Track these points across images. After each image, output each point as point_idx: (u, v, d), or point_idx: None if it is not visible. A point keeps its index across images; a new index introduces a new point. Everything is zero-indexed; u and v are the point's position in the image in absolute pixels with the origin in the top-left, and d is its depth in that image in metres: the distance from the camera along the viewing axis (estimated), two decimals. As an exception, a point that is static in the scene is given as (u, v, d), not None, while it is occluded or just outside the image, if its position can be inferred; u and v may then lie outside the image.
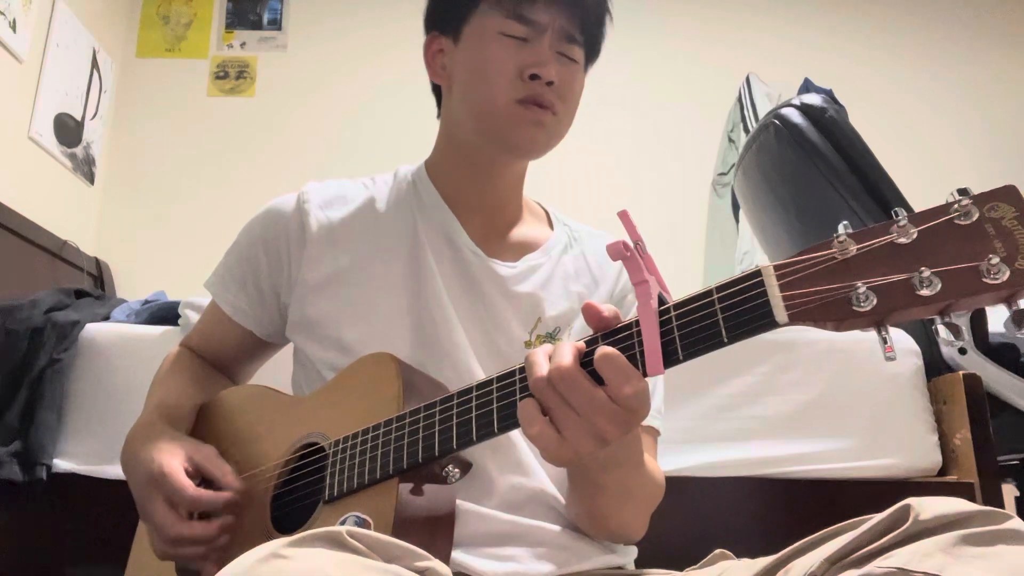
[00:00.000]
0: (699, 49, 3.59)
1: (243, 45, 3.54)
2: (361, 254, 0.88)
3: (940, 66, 3.58)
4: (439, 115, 0.96)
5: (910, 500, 0.53)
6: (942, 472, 1.38)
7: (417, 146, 0.96)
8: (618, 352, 0.57)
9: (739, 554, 0.73)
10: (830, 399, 1.41)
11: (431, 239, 0.89)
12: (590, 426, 0.57)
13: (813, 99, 1.64)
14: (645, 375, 0.57)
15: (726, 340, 0.54)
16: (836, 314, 0.50)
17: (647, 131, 3.47)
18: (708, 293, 0.56)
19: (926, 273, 0.48)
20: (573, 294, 0.90)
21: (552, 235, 0.96)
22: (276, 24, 3.57)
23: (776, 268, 0.53)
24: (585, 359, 0.59)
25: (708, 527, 1.37)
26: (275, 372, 1.03)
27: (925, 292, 0.48)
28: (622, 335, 0.59)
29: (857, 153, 1.55)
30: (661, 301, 0.59)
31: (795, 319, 0.51)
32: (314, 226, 0.89)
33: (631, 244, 0.60)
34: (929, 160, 3.36)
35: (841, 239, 0.51)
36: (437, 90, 0.96)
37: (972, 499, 1.29)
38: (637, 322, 0.58)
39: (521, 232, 0.94)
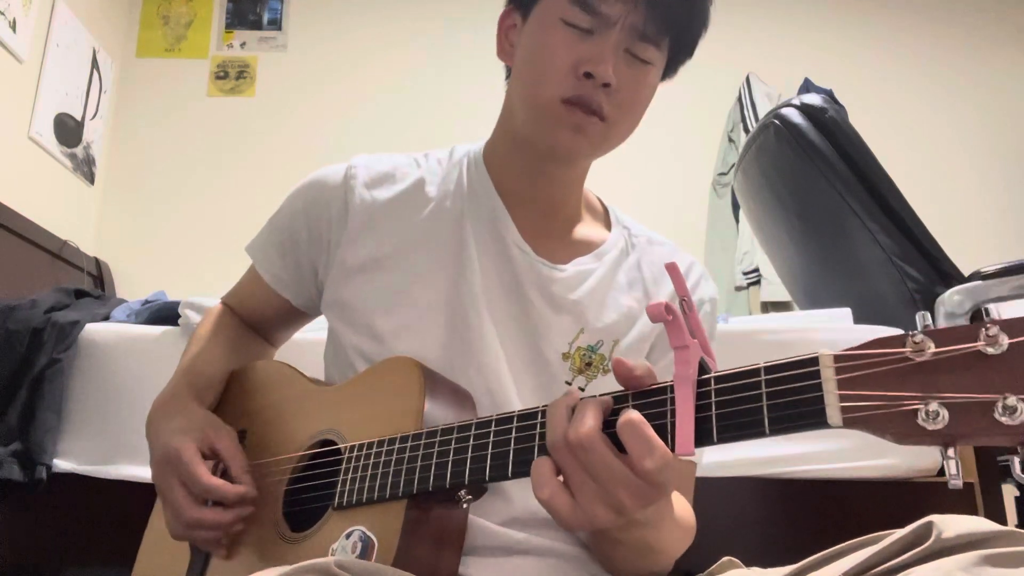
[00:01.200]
0: (699, 49, 3.59)
1: (243, 45, 3.54)
2: (402, 240, 0.84)
3: (940, 66, 3.58)
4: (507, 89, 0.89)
5: (933, 517, 0.51)
6: (942, 472, 1.38)
7: (418, 146, 0.95)
8: (642, 420, 0.52)
9: (739, 555, 0.73)
10: (830, 399, 1.41)
11: (477, 231, 0.83)
12: (607, 496, 0.53)
13: (813, 99, 1.64)
14: (673, 451, 0.52)
15: (767, 431, 0.48)
16: (899, 427, 0.44)
17: (647, 130, 3.47)
18: (756, 372, 0.50)
19: (1012, 400, 0.41)
20: (623, 307, 0.83)
21: (608, 238, 0.89)
22: (276, 24, 3.57)
23: (836, 360, 0.46)
24: (612, 417, 0.54)
25: (709, 528, 1.36)
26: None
27: (1006, 421, 0.41)
28: (655, 399, 0.54)
29: (857, 153, 1.55)
30: (702, 368, 0.53)
31: (850, 424, 0.45)
32: (358, 205, 0.85)
33: (675, 305, 0.54)
34: (929, 160, 3.37)
35: (918, 338, 0.44)
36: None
37: (972, 499, 1.29)
38: (673, 387, 0.53)
39: (575, 232, 0.88)
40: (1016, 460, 0.42)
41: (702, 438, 0.51)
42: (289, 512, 0.77)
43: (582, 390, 0.77)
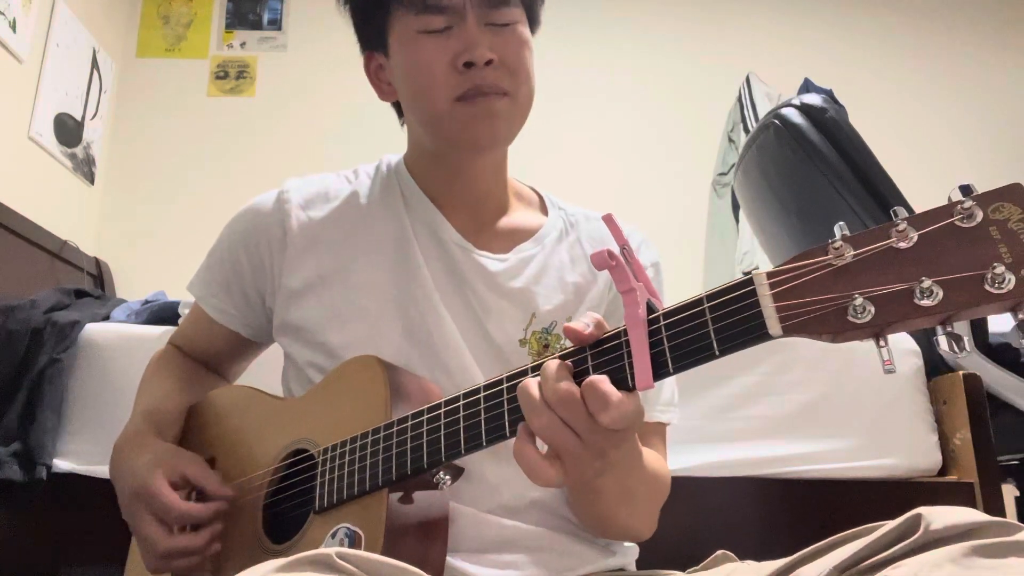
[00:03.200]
0: (699, 49, 3.59)
1: (243, 45, 3.54)
2: (345, 254, 0.84)
3: (940, 66, 3.58)
4: (402, 124, 0.92)
5: (921, 509, 0.52)
6: (942, 472, 1.38)
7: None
8: (600, 378, 0.55)
9: (740, 554, 0.73)
10: (830, 399, 1.41)
11: (418, 234, 0.85)
12: (588, 446, 0.56)
13: (813, 99, 1.63)
14: (633, 388, 0.55)
15: (717, 353, 0.52)
16: (832, 326, 0.47)
17: (647, 131, 3.47)
18: (698, 302, 0.53)
19: (927, 283, 0.45)
20: (569, 285, 0.85)
21: (546, 222, 0.91)
22: (276, 24, 3.57)
23: (769, 276, 0.50)
24: (576, 375, 0.57)
25: (709, 527, 1.37)
26: (267, 369, 1.03)
27: (926, 303, 0.45)
28: (610, 345, 0.57)
29: (857, 153, 1.55)
30: (650, 309, 0.56)
31: (789, 331, 0.49)
32: (295, 228, 0.85)
33: (617, 251, 0.57)
34: (929, 160, 3.36)
35: (837, 244, 0.48)
36: (396, 104, 0.92)
37: (972, 499, 1.29)
38: (625, 331, 0.56)
39: (511, 220, 0.90)
40: (942, 339, 0.46)
41: (659, 371, 0.54)
42: (270, 527, 0.76)
43: None
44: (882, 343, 0.48)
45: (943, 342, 0.46)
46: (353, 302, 0.82)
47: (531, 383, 0.57)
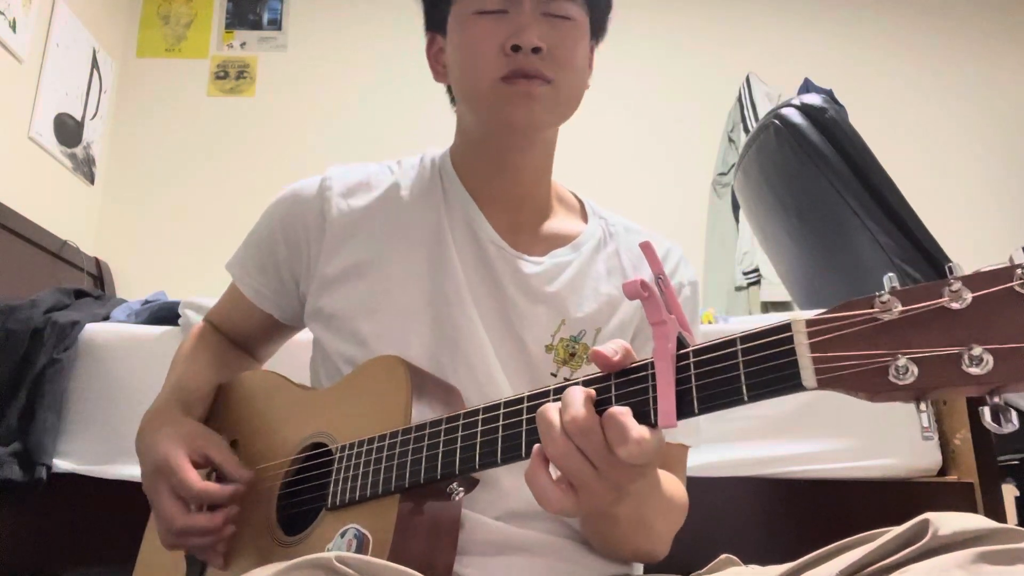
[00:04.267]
0: (699, 49, 3.59)
1: (243, 45, 3.54)
2: (381, 246, 0.84)
3: (940, 65, 3.58)
4: (455, 109, 0.92)
5: (928, 515, 0.51)
6: (942, 472, 1.38)
7: (417, 146, 0.96)
8: (621, 411, 0.53)
9: (741, 554, 0.73)
10: (830, 399, 1.41)
11: (454, 231, 0.85)
12: (604, 479, 0.54)
13: (813, 99, 1.64)
14: (655, 425, 0.53)
15: (746, 398, 0.50)
16: (871, 385, 0.45)
17: (647, 131, 3.48)
18: (731, 342, 0.51)
19: (977, 350, 0.42)
20: (603, 296, 0.84)
21: (585, 229, 0.90)
22: (276, 24, 3.57)
23: (808, 324, 0.48)
24: (598, 403, 0.56)
25: (709, 527, 1.37)
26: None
27: (974, 371, 0.42)
28: (636, 376, 0.55)
29: (857, 153, 1.55)
30: (681, 343, 0.54)
31: (824, 384, 0.46)
32: (335, 215, 0.85)
33: (651, 281, 0.55)
34: (929, 160, 3.37)
35: (884, 298, 0.45)
36: (449, 88, 0.92)
37: (972, 499, 1.29)
38: (653, 364, 0.54)
39: (551, 225, 0.89)
40: (987, 410, 0.43)
41: (684, 410, 0.52)
42: (283, 517, 0.77)
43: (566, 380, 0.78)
44: (922, 408, 0.45)
45: (987, 413, 0.43)
46: (386, 293, 0.82)
47: (551, 408, 0.56)
